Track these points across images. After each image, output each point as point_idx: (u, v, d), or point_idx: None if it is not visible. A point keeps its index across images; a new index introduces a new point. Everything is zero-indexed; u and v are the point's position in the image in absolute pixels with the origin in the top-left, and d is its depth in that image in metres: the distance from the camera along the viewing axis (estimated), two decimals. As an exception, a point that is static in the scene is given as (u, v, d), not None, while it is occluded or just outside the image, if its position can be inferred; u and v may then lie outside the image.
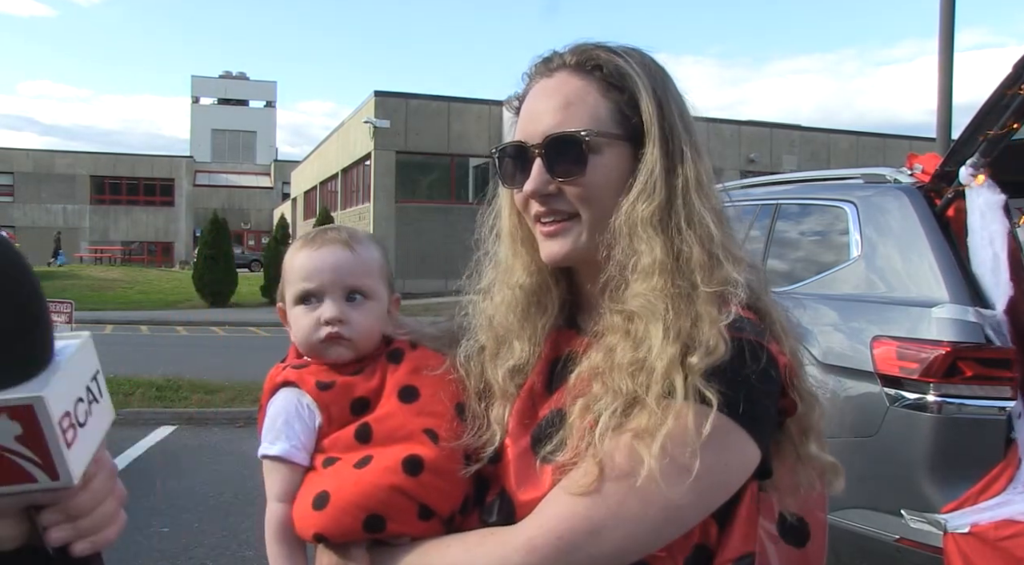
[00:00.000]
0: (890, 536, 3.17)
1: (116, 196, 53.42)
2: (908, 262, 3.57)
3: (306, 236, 1.33)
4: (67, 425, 0.71)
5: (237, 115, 65.82)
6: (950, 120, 9.34)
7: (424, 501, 1.10)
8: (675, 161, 1.08)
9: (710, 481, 0.97)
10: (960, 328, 3.14)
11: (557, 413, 1.07)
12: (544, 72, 1.14)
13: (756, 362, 1.00)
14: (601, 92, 1.09)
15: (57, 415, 0.69)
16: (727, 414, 0.96)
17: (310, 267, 1.27)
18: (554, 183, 1.10)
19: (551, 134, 1.09)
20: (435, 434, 1.14)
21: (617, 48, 1.12)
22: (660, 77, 1.12)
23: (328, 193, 37.13)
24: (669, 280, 1.03)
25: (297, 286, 1.27)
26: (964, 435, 3.11)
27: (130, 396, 8.86)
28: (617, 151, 1.08)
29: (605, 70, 1.09)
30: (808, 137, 30.89)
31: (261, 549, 1.20)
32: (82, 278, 29.61)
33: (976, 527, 2.84)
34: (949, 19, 9.24)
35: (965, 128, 3.31)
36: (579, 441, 1.00)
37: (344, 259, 1.27)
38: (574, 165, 1.08)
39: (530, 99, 1.15)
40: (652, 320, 1.01)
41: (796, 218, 4.48)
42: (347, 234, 1.31)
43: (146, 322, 20.21)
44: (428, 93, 28.11)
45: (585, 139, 1.07)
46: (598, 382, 1.02)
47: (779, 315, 1.11)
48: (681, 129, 1.09)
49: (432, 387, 1.19)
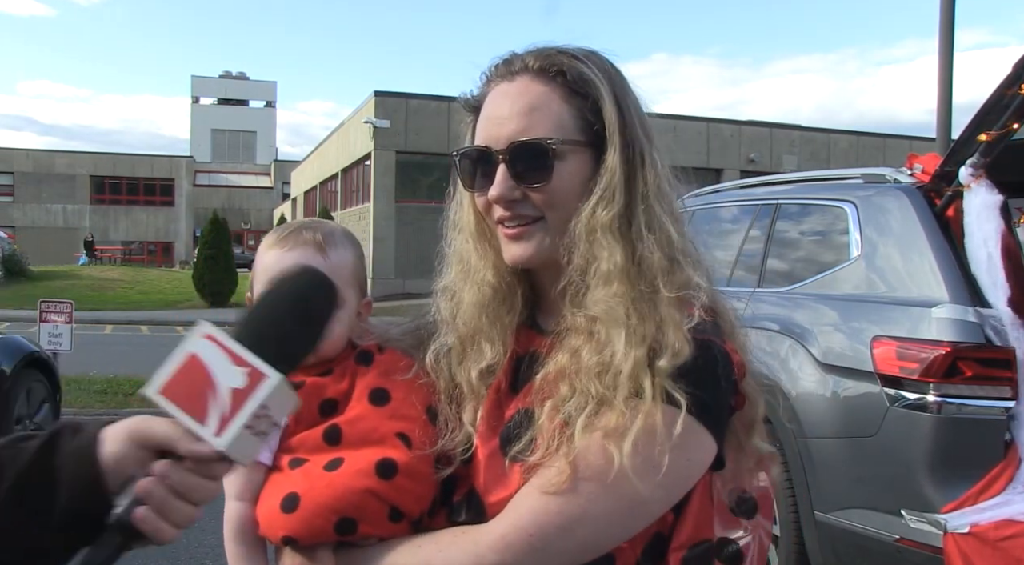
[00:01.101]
0: (890, 536, 3.17)
1: (116, 196, 53.41)
2: (908, 262, 3.57)
3: (281, 231, 1.30)
4: (259, 415, 0.82)
5: (237, 115, 65.83)
6: (950, 120, 9.35)
7: (396, 504, 1.09)
8: (635, 167, 1.09)
9: (676, 476, 1.03)
10: (960, 328, 3.14)
11: (524, 413, 1.08)
12: (505, 75, 1.13)
13: (718, 363, 1.05)
14: (564, 98, 1.09)
15: (263, 397, 0.81)
16: (694, 415, 1.01)
17: (278, 271, 1.21)
18: (519, 189, 1.10)
19: (516, 141, 1.09)
20: (408, 438, 1.12)
21: (579, 53, 1.12)
22: (620, 82, 1.13)
23: (328, 193, 37.13)
24: (630, 285, 1.05)
25: (264, 287, 1.24)
26: (964, 435, 3.11)
27: (130, 396, 8.86)
28: (580, 157, 1.10)
29: (568, 76, 1.09)
30: (808, 137, 30.88)
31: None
32: (82, 278, 29.61)
33: (976, 527, 2.85)
34: (949, 19, 9.24)
35: (965, 128, 3.32)
36: (549, 441, 1.02)
37: (313, 264, 1.22)
38: (539, 172, 1.08)
39: (491, 102, 1.14)
40: (614, 325, 1.03)
41: (796, 218, 4.48)
42: (321, 236, 1.27)
43: (146, 322, 20.22)
44: (428, 93, 28.11)
45: (551, 147, 1.07)
46: (565, 383, 1.04)
47: (729, 314, 1.15)
48: (641, 134, 1.11)
49: (403, 390, 1.17)
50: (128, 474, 0.81)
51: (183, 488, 0.81)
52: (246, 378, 0.82)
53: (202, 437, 0.80)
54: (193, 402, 0.81)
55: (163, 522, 0.80)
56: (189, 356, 0.83)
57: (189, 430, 0.81)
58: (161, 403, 0.81)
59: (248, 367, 0.82)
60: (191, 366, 0.83)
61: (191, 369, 0.82)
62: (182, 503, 0.81)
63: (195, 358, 0.83)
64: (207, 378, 0.82)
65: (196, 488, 0.81)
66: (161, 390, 0.82)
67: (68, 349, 8.03)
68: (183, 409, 0.81)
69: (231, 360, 0.82)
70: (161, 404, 0.81)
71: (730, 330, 1.13)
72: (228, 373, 0.82)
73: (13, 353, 6.18)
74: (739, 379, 1.10)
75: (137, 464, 0.82)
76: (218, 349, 0.83)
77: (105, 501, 0.80)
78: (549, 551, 1.00)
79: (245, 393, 0.81)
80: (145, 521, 0.79)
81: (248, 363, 0.82)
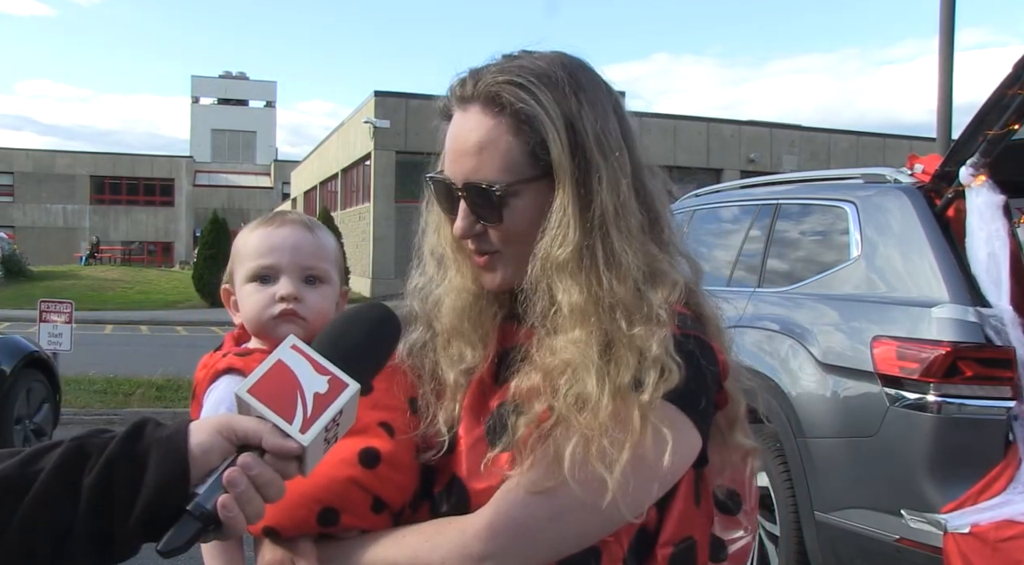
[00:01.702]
0: (890, 536, 3.17)
1: (116, 196, 53.40)
2: (908, 262, 3.57)
3: (263, 218, 1.31)
4: (336, 422, 0.89)
5: (237, 115, 65.81)
6: (950, 120, 9.34)
7: (379, 494, 1.09)
8: (591, 195, 1.05)
9: (666, 473, 1.04)
10: (960, 328, 3.14)
11: (511, 406, 1.08)
12: (460, 101, 1.12)
13: (708, 362, 1.07)
14: (512, 132, 1.07)
15: (343, 403, 0.89)
16: (688, 415, 1.04)
17: (268, 244, 1.23)
18: (480, 224, 1.11)
19: (468, 181, 1.09)
20: (391, 427, 1.13)
21: (524, 80, 1.07)
22: (572, 101, 1.07)
23: (328, 193, 37.13)
24: (596, 325, 1.03)
25: (252, 263, 1.23)
26: (964, 435, 3.11)
27: (130, 396, 8.88)
28: (534, 191, 1.08)
29: (512, 110, 1.06)
30: (808, 137, 30.88)
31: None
32: (82, 278, 29.61)
33: (976, 527, 2.85)
34: (949, 18, 9.24)
35: (965, 128, 3.32)
36: (536, 437, 1.02)
37: (303, 239, 1.24)
38: (490, 213, 1.09)
39: (451, 131, 1.13)
40: (584, 369, 1.01)
41: (796, 218, 4.48)
42: (306, 218, 1.30)
43: (146, 322, 20.23)
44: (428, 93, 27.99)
45: (496, 193, 1.07)
46: (548, 383, 1.04)
47: (714, 314, 1.15)
48: (597, 155, 1.06)
49: (385, 381, 1.16)
50: (211, 465, 0.86)
51: (262, 481, 0.86)
52: (327, 385, 0.89)
53: (288, 434, 0.86)
54: (280, 403, 0.87)
55: (241, 513, 0.84)
56: (277, 362, 0.90)
57: (276, 427, 0.86)
58: (251, 402, 0.87)
59: (329, 375, 0.90)
60: (279, 371, 0.89)
61: (279, 373, 0.89)
62: (257, 497, 0.86)
63: (282, 364, 0.90)
64: (294, 382, 0.89)
65: (272, 482, 0.87)
66: (251, 390, 0.88)
67: (68, 349, 8.03)
68: (271, 408, 0.87)
69: (314, 369, 0.90)
70: (251, 403, 0.87)
71: (715, 331, 1.13)
72: (312, 379, 0.89)
73: (13, 353, 6.18)
74: (723, 379, 1.12)
75: (222, 456, 0.87)
76: (303, 358, 0.90)
77: (185, 490, 0.85)
78: (536, 540, 1.01)
79: (327, 398, 0.89)
80: (228, 509, 0.83)
81: (330, 372, 0.90)
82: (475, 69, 1.12)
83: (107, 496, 0.84)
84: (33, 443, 6.31)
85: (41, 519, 0.83)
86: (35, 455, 0.89)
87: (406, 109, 27.33)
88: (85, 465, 0.86)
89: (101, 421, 8.00)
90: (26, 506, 0.83)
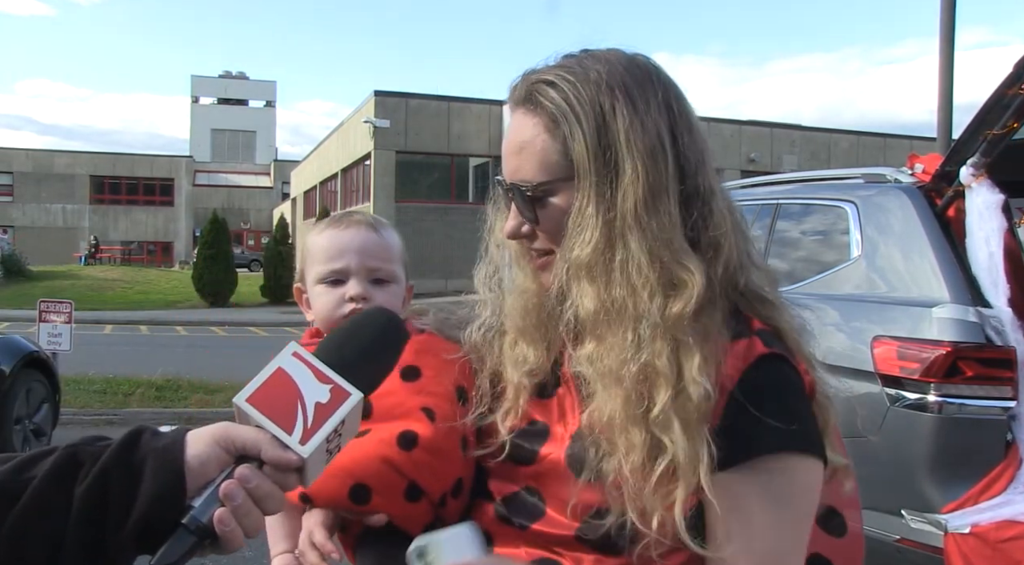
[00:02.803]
0: (890, 536, 3.17)
1: (116, 196, 53.41)
2: (909, 262, 3.57)
3: (331, 218, 1.34)
4: (338, 432, 0.87)
5: (237, 115, 65.80)
6: (951, 120, 9.34)
7: (414, 478, 1.10)
8: (614, 195, 1.01)
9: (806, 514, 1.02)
10: (960, 328, 3.13)
11: (588, 437, 1.04)
12: (510, 103, 1.12)
13: (799, 387, 1.03)
14: (549, 131, 1.05)
15: (346, 413, 0.86)
16: (800, 449, 1.00)
17: (337, 247, 1.28)
18: (527, 225, 1.11)
19: (512, 181, 1.10)
20: (432, 413, 1.14)
21: (559, 78, 1.05)
22: (606, 99, 1.03)
23: (328, 193, 37.11)
24: (619, 335, 0.99)
25: (322, 266, 1.29)
26: (964, 435, 3.11)
27: (130, 396, 8.87)
28: (568, 189, 1.05)
29: (545, 108, 1.06)
30: (808, 137, 30.88)
31: (260, 549, 1.21)
32: (82, 278, 29.60)
33: (977, 528, 2.84)
34: (950, 18, 9.23)
35: (966, 128, 3.31)
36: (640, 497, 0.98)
37: (370, 241, 1.29)
38: (530, 213, 1.09)
39: (507, 131, 1.14)
40: (614, 385, 0.99)
41: (797, 218, 4.48)
42: (372, 218, 1.33)
43: (146, 322, 20.22)
44: (428, 93, 28.10)
45: (527, 193, 1.07)
46: (618, 429, 1.00)
47: (791, 323, 1.09)
48: (625, 155, 1.01)
49: (435, 368, 1.19)
50: (208, 477, 0.83)
51: (260, 494, 0.83)
52: (329, 394, 0.86)
53: (288, 445, 0.83)
54: (280, 412, 0.85)
55: (238, 527, 0.82)
56: (277, 370, 0.87)
57: (276, 438, 0.84)
58: (249, 411, 0.84)
59: (332, 384, 0.87)
60: (279, 379, 0.86)
61: (279, 382, 0.86)
62: (255, 509, 0.83)
63: (283, 372, 0.87)
64: (294, 391, 0.86)
65: (271, 495, 0.84)
66: (250, 399, 0.85)
67: (68, 349, 8.03)
68: (270, 418, 0.84)
69: (316, 377, 0.87)
70: (249, 412, 0.84)
71: (796, 345, 1.07)
72: (313, 388, 0.86)
73: (12, 353, 6.17)
74: (810, 397, 1.05)
75: (219, 467, 0.84)
76: (304, 366, 0.87)
77: (181, 502, 0.82)
78: None
79: (328, 408, 0.86)
80: (224, 523, 0.81)
81: (332, 380, 0.87)
82: (527, 70, 1.12)
83: (100, 506, 0.82)
84: (33, 443, 6.31)
85: (32, 527, 0.81)
86: (28, 462, 0.85)
87: (406, 109, 27.32)
88: (78, 473, 0.83)
89: (101, 421, 8.00)
90: (16, 514, 0.80)
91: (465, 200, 28.46)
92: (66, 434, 7.24)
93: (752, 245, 1.14)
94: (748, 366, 0.99)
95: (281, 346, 0.90)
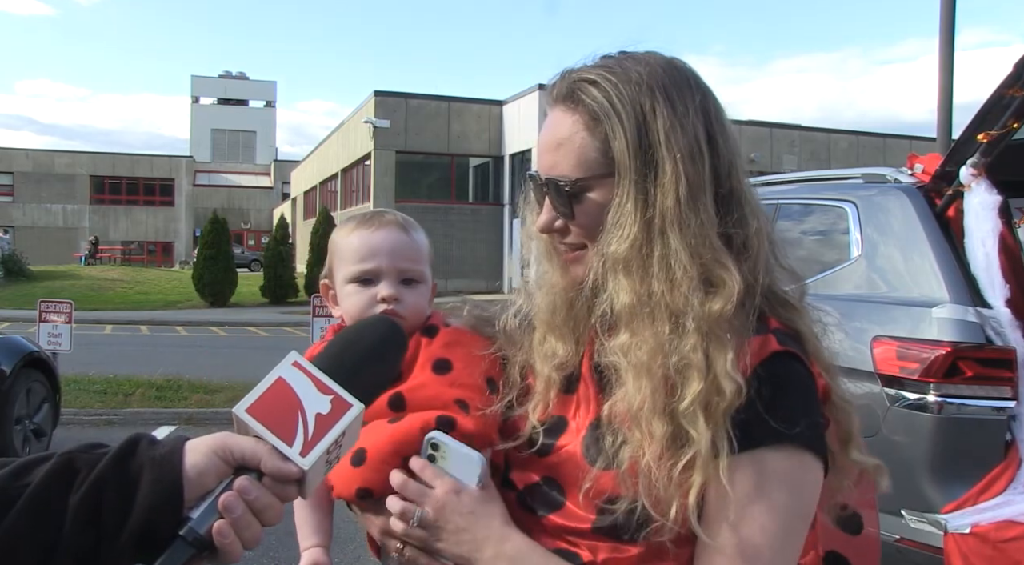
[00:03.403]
0: (890, 536, 3.17)
1: (116, 196, 53.43)
2: (909, 262, 3.57)
3: (360, 217, 1.36)
4: (339, 443, 0.86)
5: (237, 115, 65.82)
6: (950, 120, 9.33)
7: None
8: (652, 194, 1.04)
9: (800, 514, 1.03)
10: (960, 328, 3.13)
11: (606, 425, 1.07)
12: (549, 100, 1.14)
13: (809, 386, 1.04)
14: (588, 128, 1.08)
15: (347, 424, 0.85)
16: (803, 445, 1.01)
17: (368, 248, 1.29)
18: (560, 219, 1.13)
19: (548, 177, 1.11)
20: (466, 404, 1.16)
21: (600, 77, 1.08)
22: (647, 100, 1.05)
23: (328, 193, 37.12)
24: (650, 330, 1.02)
25: (353, 267, 1.30)
26: (964, 435, 3.11)
27: (130, 396, 8.87)
28: (606, 187, 1.08)
29: (585, 106, 1.08)
30: (808, 137, 30.87)
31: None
32: (82, 278, 29.60)
33: (977, 528, 2.84)
34: (950, 18, 9.23)
35: (965, 128, 3.31)
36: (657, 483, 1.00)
37: (401, 242, 1.30)
38: (565, 208, 1.11)
39: (543, 126, 1.16)
40: (644, 376, 1.01)
41: (797, 218, 4.48)
42: (402, 218, 1.34)
43: (146, 322, 20.22)
44: (428, 93, 28.11)
45: (566, 189, 1.09)
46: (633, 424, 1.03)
47: (811, 328, 1.11)
48: (665, 155, 1.03)
49: (464, 360, 1.22)
50: (206, 487, 0.83)
51: (259, 506, 0.82)
52: (330, 405, 0.86)
53: (288, 457, 0.83)
54: (280, 423, 0.84)
55: (237, 540, 0.81)
56: (277, 380, 0.86)
57: (276, 449, 0.83)
58: (249, 422, 0.83)
59: (332, 394, 0.86)
60: (279, 390, 0.86)
61: (279, 392, 0.85)
62: (254, 521, 0.83)
63: (283, 382, 0.86)
64: (295, 402, 0.85)
65: (270, 507, 0.83)
66: (249, 409, 0.84)
67: (68, 349, 8.03)
68: (270, 429, 0.84)
69: (317, 387, 0.86)
70: (249, 423, 0.83)
71: (813, 350, 1.09)
72: (314, 399, 0.86)
73: (13, 353, 6.17)
74: (823, 400, 1.07)
75: (218, 478, 0.83)
76: (305, 376, 0.87)
77: (178, 513, 0.81)
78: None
79: (329, 419, 0.85)
80: (223, 535, 0.80)
81: (333, 391, 0.86)
82: (566, 69, 1.14)
83: (94, 515, 0.81)
84: (33, 443, 6.31)
85: (26, 534, 0.80)
86: (24, 467, 0.85)
87: (406, 109, 27.33)
88: (73, 481, 0.83)
89: (101, 421, 8.00)
90: (11, 520, 0.80)
91: (465, 200, 28.46)
92: (66, 434, 7.24)
93: (779, 247, 1.16)
94: (760, 362, 1.02)
95: (280, 346, 0.89)
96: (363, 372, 0.93)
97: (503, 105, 28.03)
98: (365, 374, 0.93)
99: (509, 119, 27.64)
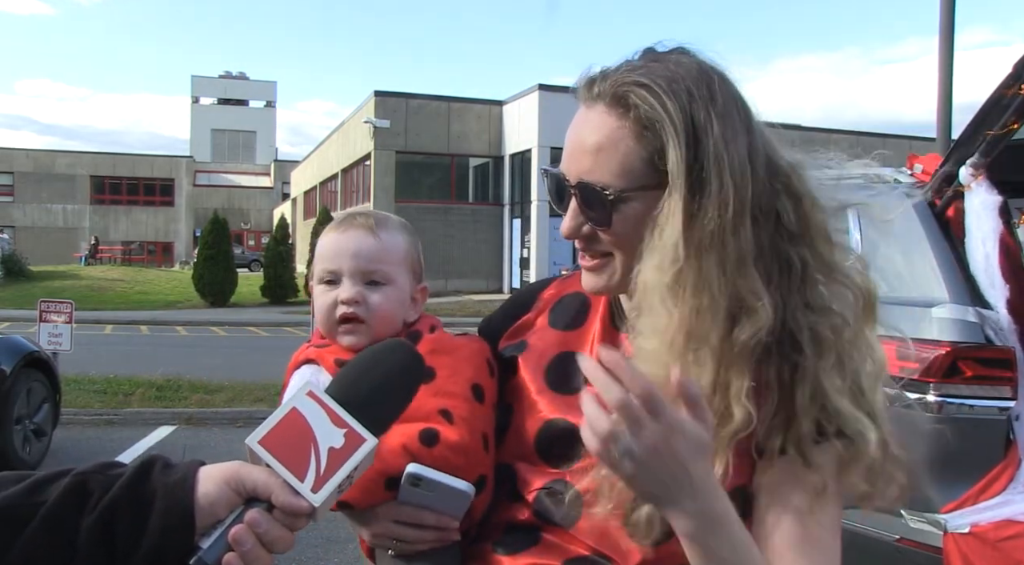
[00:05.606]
0: (890, 536, 3.17)
1: (116, 196, 53.45)
2: (909, 262, 3.56)
3: (337, 219, 1.37)
4: (351, 477, 0.85)
5: (237, 115, 65.81)
6: (950, 120, 9.33)
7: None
8: (698, 212, 0.98)
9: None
10: (960, 328, 3.13)
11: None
12: (586, 98, 1.07)
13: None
14: (635, 136, 1.01)
15: (359, 460, 0.85)
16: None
17: (333, 250, 1.30)
18: (588, 225, 1.08)
19: (582, 180, 1.05)
20: (450, 414, 1.15)
21: (655, 83, 1.00)
22: (701, 112, 0.99)
23: (328, 193, 37.12)
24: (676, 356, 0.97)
25: (319, 266, 1.32)
26: (964, 435, 3.11)
27: (130, 396, 8.87)
28: (649, 199, 1.02)
29: (638, 112, 1.01)
30: (808, 137, 30.70)
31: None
32: (82, 278, 29.61)
33: (976, 527, 2.85)
34: (949, 18, 9.23)
35: (965, 128, 3.31)
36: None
37: (365, 244, 1.29)
38: (601, 215, 1.05)
39: (573, 125, 1.08)
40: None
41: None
42: (374, 220, 1.33)
43: (146, 322, 20.22)
44: (428, 93, 28.11)
45: (608, 197, 1.03)
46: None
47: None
48: (713, 173, 0.98)
49: (449, 368, 1.20)
50: (217, 517, 0.83)
51: (269, 538, 0.83)
52: (344, 439, 0.85)
53: (300, 493, 0.82)
54: (293, 457, 0.83)
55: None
56: (291, 411, 0.85)
57: (287, 483, 0.83)
58: (262, 454, 0.83)
59: (347, 428, 0.85)
60: (293, 421, 0.85)
61: (293, 424, 0.85)
62: (264, 553, 0.83)
63: (297, 413, 0.85)
64: (308, 434, 0.84)
65: (280, 539, 0.83)
66: (262, 441, 0.84)
67: (68, 349, 8.03)
68: (283, 463, 0.83)
69: (331, 420, 0.85)
70: (262, 455, 0.83)
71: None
72: (328, 433, 0.85)
73: (13, 353, 6.18)
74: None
75: (229, 508, 0.84)
76: (319, 408, 0.86)
77: (189, 541, 0.82)
78: None
79: (342, 454, 0.84)
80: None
81: (347, 424, 0.85)
82: (607, 67, 1.07)
83: (107, 539, 0.82)
84: (33, 443, 6.31)
85: (39, 555, 0.81)
86: (38, 485, 0.85)
87: (406, 109, 27.32)
88: (86, 504, 0.83)
89: (101, 421, 8.01)
90: (25, 540, 0.81)
91: (465, 200, 28.45)
92: (66, 434, 7.25)
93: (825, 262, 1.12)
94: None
95: (280, 346, 0.88)
96: (378, 402, 0.91)
97: (503, 105, 28.02)
98: (380, 405, 0.91)
99: (509, 119, 27.62)
